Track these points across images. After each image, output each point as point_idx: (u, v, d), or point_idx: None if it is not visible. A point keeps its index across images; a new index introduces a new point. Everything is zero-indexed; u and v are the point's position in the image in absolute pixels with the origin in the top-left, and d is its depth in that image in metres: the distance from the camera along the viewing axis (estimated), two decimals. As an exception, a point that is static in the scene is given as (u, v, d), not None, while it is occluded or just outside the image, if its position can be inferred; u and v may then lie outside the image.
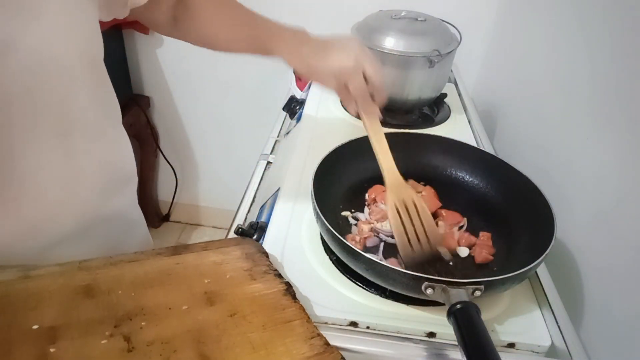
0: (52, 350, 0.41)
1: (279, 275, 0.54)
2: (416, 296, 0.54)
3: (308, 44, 0.66)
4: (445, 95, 1.07)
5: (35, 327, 0.42)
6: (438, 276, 0.51)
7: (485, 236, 0.66)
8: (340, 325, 0.56)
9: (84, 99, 0.55)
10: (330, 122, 0.98)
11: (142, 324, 0.45)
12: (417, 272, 0.51)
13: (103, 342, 0.42)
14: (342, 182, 0.74)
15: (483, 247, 0.64)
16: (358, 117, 0.67)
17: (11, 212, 0.52)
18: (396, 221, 0.61)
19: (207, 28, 0.73)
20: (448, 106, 1.07)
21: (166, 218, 2.04)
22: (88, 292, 0.47)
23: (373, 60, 0.64)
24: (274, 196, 0.76)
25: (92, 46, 0.55)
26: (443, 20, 0.99)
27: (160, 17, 0.71)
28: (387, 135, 0.68)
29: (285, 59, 0.67)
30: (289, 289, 0.52)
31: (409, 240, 0.60)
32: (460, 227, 0.68)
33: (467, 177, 0.76)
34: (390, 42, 0.92)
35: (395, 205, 0.62)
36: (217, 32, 0.73)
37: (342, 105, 1.04)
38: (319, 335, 0.47)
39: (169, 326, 0.45)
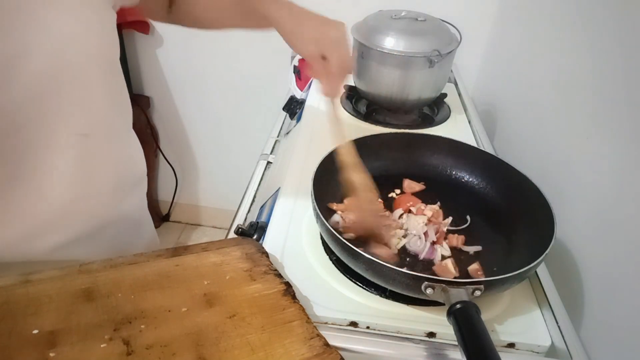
0: (52, 355, 0.41)
1: (279, 275, 0.54)
2: (416, 296, 0.54)
3: (300, 8, 0.65)
4: (445, 95, 1.07)
5: (35, 331, 0.42)
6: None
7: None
8: (340, 325, 0.56)
9: (101, 101, 0.56)
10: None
11: (142, 327, 0.45)
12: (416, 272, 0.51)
13: (102, 346, 0.42)
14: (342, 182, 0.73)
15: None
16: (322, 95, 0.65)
17: (23, 211, 0.52)
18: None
19: (199, 10, 0.73)
20: (448, 106, 1.07)
21: (166, 218, 2.04)
22: (88, 295, 0.47)
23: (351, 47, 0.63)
24: (274, 196, 0.76)
25: (109, 48, 0.56)
26: (443, 20, 0.98)
27: (160, 1, 0.72)
28: (387, 135, 0.72)
29: (272, 15, 0.63)
30: (289, 289, 0.52)
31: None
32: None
33: (467, 177, 0.76)
34: (390, 42, 0.92)
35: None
36: (208, 12, 0.73)
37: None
38: (319, 335, 0.47)
39: (168, 329, 0.45)
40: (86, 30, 0.50)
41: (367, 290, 0.59)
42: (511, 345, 0.55)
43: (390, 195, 0.74)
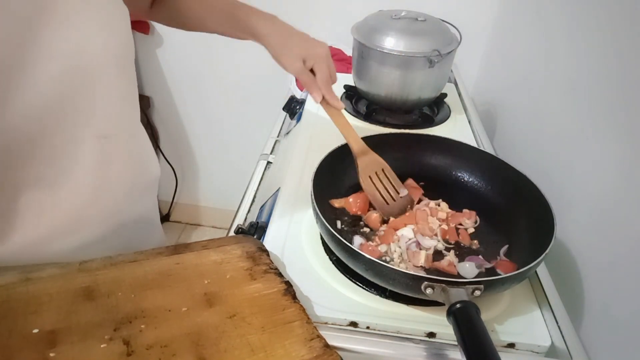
0: (52, 354, 0.41)
1: (280, 274, 0.54)
2: (416, 296, 0.54)
3: (284, 24, 0.69)
4: (445, 95, 1.07)
5: (35, 331, 0.42)
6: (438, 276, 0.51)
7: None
8: (340, 325, 0.56)
9: (119, 101, 0.56)
10: (330, 122, 0.98)
11: (142, 326, 0.45)
12: (417, 272, 0.51)
13: (102, 346, 0.42)
14: (342, 182, 0.73)
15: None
16: (320, 103, 0.71)
17: (45, 214, 0.52)
18: (370, 187, 0.69)
19: (184, 7, 0.73)
20: (448, 106, 1.07)
21: (166, 218, 2.04)
22: (88, 294, 0.47)
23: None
24: (274, 196, 0.76)
25: (126, 46, 0.56)
26: (443, 20, 0.98)
27: None
28: (387, 135, 0.75)
29: (260, 31, 0.68)
30: (289, 289, 0.52)
31: (383, 198, 0.69)
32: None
33: (467, 177, 0.76)
34: (390, 42, 0.92)
35: (367, 173, 0.69)
36: (193, 10, 0.73)
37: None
38: (319, 336, 0.47)
39: (168, 329, 0.45)
40: (105, 28, 0.50)
41: (367, 290, 0.59)
42: (511, 345, 0.55)
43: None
